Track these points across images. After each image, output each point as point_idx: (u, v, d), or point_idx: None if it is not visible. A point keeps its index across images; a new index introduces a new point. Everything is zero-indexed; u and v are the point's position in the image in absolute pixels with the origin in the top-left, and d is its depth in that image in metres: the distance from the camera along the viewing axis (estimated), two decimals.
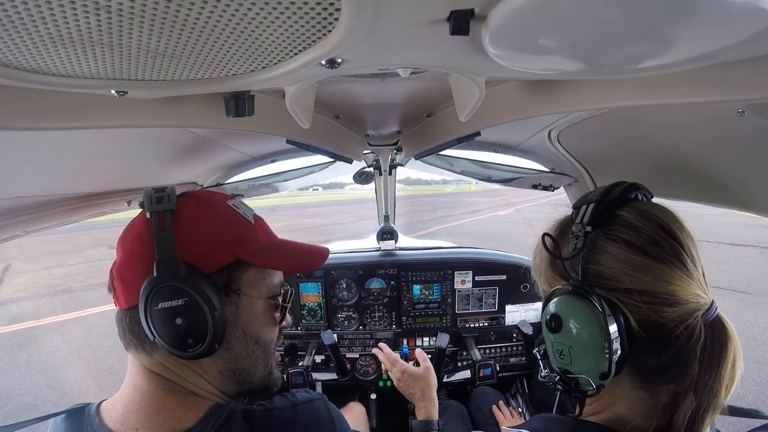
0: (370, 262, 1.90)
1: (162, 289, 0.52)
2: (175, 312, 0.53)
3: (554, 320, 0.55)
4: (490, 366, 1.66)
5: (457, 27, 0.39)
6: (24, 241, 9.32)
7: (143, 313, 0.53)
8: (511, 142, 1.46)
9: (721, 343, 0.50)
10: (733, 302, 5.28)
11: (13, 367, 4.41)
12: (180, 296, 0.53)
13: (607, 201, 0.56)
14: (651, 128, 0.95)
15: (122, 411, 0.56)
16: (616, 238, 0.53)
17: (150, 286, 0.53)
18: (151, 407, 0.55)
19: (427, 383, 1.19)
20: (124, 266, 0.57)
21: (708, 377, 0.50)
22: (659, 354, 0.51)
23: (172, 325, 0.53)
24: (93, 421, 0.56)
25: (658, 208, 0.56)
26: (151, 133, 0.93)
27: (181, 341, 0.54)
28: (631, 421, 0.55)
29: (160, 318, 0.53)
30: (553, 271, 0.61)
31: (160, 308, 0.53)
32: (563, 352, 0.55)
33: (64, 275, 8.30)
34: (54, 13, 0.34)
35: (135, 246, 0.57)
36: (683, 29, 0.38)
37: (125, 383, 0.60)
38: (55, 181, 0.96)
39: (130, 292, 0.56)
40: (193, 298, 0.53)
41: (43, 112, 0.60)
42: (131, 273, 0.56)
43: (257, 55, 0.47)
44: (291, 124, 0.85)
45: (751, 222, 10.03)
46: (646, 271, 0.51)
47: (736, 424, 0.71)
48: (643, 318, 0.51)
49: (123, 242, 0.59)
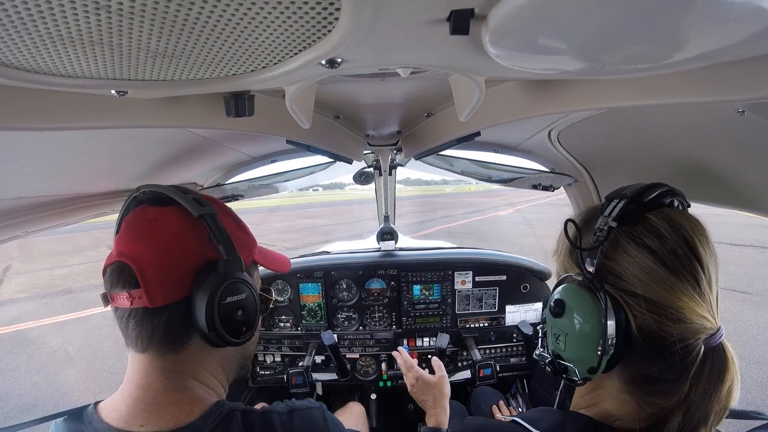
0: (370, 263, 1.90)
1: (231, 285, 0.58)
2: (238, 305, 0.60)
3: (558, 305, 0.56)
4: (491, 366, 1.66)
5: (457, 27, 0.39)
6: (24, 241, 9.34)
7: (207, 306, 0.56)
8: (511, 142, 1.46)
9: (719, 370, 0.49)
10: (733, 302, 5.28)
11: (13, 367, 4.41)
12: (243, 291, 0.61)
13: (639, 200, 0.54)
14: (651, 128, 0.95)
15: (125, 410, 0.56)
16: (639, 241, 0.52)
17: (218, 282, 0.57)
18: (160, 405, 0.56)
19: (440, 392, 1.19)
20: (163, 262, 0.56)
21: (700, 400, 0.49)
22: (651, 364, 0.51)
23: (234, 317, 0.59)
24: (92, 419, 0.56)
25: (688, 219, 0.54)
26: (151, 133, 0.93)
27: (237, 331, 0.60)
28: (618, 419, 0.55)
29: (226, 311, 0.58)
30: (570, 257, 0.62)
31: (227, 302, 0.58)
32: (560, 337, 0.57)
33: (65, 276, 8.31)
34: (54, 13, 0.34)
35: (177, 243, 0.58)
36: (683, 29, 0.38)
37: (129, 384, 0.59)
38: (55, 181, 0.96)
39: (171, 288, 0.56)
40: (251, 292, 0.62)
41: (43, 112, 0.60)
42: (174, 269, 0.57)
43: (257, 55, 0.47)
44: (291, 125, 0.85)
45: (751, 222, 10.03)
46: (658, 282, 0.50)
47: (736, 424, 0.71)
48: (645, 325, 0.51)
49: (155, 239, 0.58)
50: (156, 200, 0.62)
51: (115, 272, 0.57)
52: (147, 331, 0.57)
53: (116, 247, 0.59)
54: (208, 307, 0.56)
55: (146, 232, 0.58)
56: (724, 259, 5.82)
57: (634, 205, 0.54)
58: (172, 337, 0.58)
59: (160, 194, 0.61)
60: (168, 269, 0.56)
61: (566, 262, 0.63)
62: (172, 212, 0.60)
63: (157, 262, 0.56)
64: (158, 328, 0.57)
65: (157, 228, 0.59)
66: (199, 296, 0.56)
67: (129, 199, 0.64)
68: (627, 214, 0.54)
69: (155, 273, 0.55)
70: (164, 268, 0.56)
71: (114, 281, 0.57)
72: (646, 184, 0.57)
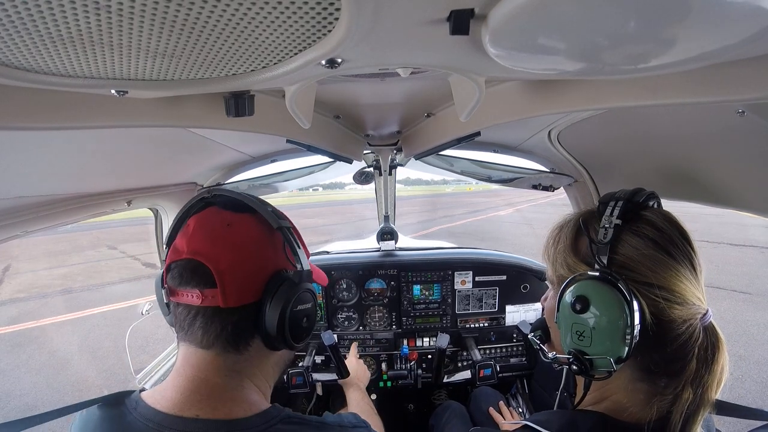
0: (370, 263, 1.90)
1: (303, 294, 0.63)
2: (306, 313, 0.64)
3: (580, 302, 0.58)
4: (491, 366, 1.65)
5: (457, 27, 0.39)
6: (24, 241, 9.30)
7: (280, 312, 0.59)
8: (511, 142, 1.46)
9: (714, 345, 0.55)
10: (733, 302, 5.28)
11: (13, 367, 4.41)
12: (310, 300, 0.65)
13: (635, 201, 0.61)
14: (651, 128, 0.95)
15: (179, 398, 0.56)
16: (642, 234, 0.58)
17: (292, 290, 0.61)
18: (217, 398, 0.57)
19: None
20: (241, 266, 0.59)
21: (704, 373, 0.54)
22: (664, 348, 0.55)
23: (301, 324, 0.63)
24: (137, 405, 0.57)
25: (673, 216, 0.61)
26: (151, 133, 0.93)
27: (300, 336, 0.65)
28: (629, 408, 0.58)
29: (296, 318, 0.62)
30: (575, 256, 0.64)
31: (298, 310, 0.62)
32: (584, 333, 0.58)
33: (64, 275, 8.31)
34: (54, 13, 0.34)
35: (254, 250, 0.61)
36: (683, 29, 0.38)
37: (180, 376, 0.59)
38: (55, 181, 0.96)
39: (245, 291, 0.59)
40: (315, 302, 0.67)
41: (43, 112, 0.60)
42: (250, 274, 0.60)
43: (257, 55, 0.47)
44: (291, 124, 0.85)
45: (751, 222, 10.03)
46: (666, 269, 0.55)
47: (736, 424, 0.71)
48: (657, 312, 0.55)
49: (233, 243, 0.60)
50: (230, 205, 0.63)
51: (188, 269, 0.58)
52: (216, 329, 0.58)
53: (188, 245, 0.59)
54: (282, 314, 0.59)
55: (223, 236, 0.60)
56: (724, 259, 5.84)
57: (632, 204, 0.61)
58: (238, 337, 0.60)
59: (235, 200, 0.63)
60: (244, 274, 0.59)
61: (570, 261, 0.64)
62: (248, 219, 0.62)
63: (235, 266, 0.58)
64: (227, 328, 0.58)
65: (235, 232, 0.61)
66: (272, 302, 0.59)
67: (195, 199, 0.65)
68: (627, 212, 0.59)
69: (232, 276, 0.58)
70: (241, 272, 0.59)
71: (186, 278, 0.58)
72: (633, 189, 0.64)
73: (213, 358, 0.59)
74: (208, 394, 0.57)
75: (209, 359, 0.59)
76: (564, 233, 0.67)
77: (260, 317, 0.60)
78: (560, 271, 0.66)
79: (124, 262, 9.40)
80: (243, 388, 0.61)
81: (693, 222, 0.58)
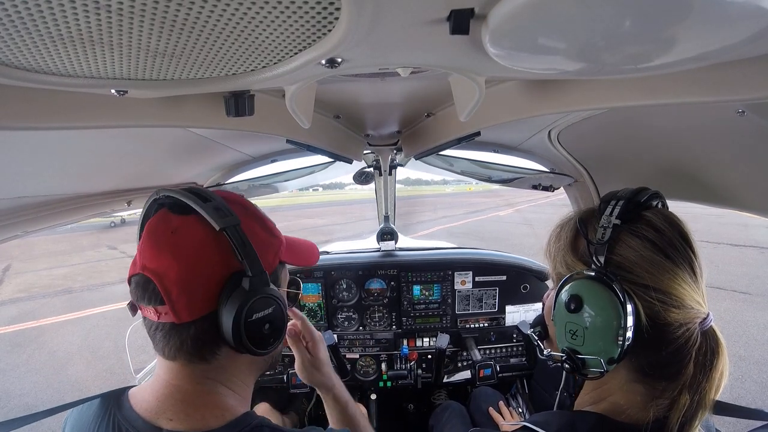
0: (370, 263, 1.90)
1: (257, 302, 0.56)
2: (265, 320, 0.58)
3: (574, 301, 0.57)
4: (491, 366, 1.66)
5: (457, 26, 0.39)
6: (24, 241, 9.30)
7: (233, 324, 0.54)
8: (511, 142, 1.46)
9: (714, 351, 0.55)
10: (733, 302, 5.28)
11: (13, 367, 4.41)
12: (270, 305, 0.59)
13: (636, 201, 0.60)
14: (651, 128, 0.95)
15: (155, 402, 0.56)
16: (641, 235, 0.57)
17: (243, 299, 0.55)
18: (190, 404, 0.57)
19: None
20: (188, 278, 0.54)
21: (702, 379, 0.54)
22: (659, 350, 0.55)
23: (262, 331, 0.58)
24: (123, 405, 0.57)
25: (677, 217, 0.60)
26: (151, 133, 0.93)
27: (265, 342, 0.59)
28: (626, 410, 0.57)
29: (253, 327, 0.56)
30: (574, 255, 0.64)
31: (254, 319, 0.56)
32: (577, 332, 0.58)
33: (64, 276, 8.31)
34: (54, 13, 0.34)
35: (201, 257, 0.56)
36: (683, 29, 0.38)
37: (158, 381, 0.59)
38: (55, 181, 0.96)
39: (197, 304, 0.55)
40: (278, 305, 0.60)
41: (43, 112, 0.60)
42: (199, 285, 0.55)
43: (257, 54, 0.47)
44: (291, 124, 0.85)
45: (751, 222, 10.03)
46: (664, 272, 0.54)
47: (736, 424, 0.71)
48: (652, 314, 0.54)
49: (178, 253, 0.55)
50: (176, 207, 0.59)
51: (140, 286, 0.56)
52: (175, 343, 0.56)
53: (140, 258, 0.57)
54: (235, 324, 0.55)
55: (168, 245, 0.56)
56: (724, 259, 5.85)
57: (632, 204, 0.59)
58: (200, 349, 0.57)
59: (180, 201, 0.58)
60: (193, 285, 0.55)
61: (569, 260, 0.64)
62: (194, 222, 0.57)
63: (182, 278, 0.54)
64: (186, 341, 0.56)
65: (180, 240, 0.56)
66: (225, 312, 0.55)
67: (149, 201, 0.62)
68: (627, 212, 0.58)
69: (180, 289, 0.54)
70: (189, 284, 0.54)
71: (140, 295, 0.56)
72: (636, 187, 0.62)
73: (181, 367, 0.58)
74: (182, 400, 0.57)
75: (177, 368, 0.58)
76: (564, 232, 0.66)
77: (220, 327, 0.56)
78: (559, 269, 0.66)
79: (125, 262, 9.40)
80: (217, 394, 0.59)
81: (694, 222, 0.58)
